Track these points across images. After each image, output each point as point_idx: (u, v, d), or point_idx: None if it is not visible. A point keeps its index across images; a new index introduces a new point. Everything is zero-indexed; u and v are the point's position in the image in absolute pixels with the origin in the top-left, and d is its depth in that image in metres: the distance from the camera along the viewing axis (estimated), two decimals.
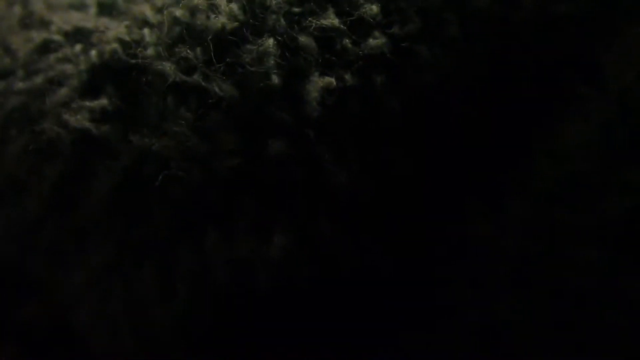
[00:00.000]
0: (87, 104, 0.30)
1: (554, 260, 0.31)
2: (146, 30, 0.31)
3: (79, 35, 0.32)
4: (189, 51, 0.30)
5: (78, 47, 0.31)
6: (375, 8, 0.29)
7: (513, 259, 0.31)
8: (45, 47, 0.32)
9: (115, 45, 0.31)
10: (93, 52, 0.31)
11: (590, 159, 0.30)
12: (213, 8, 0.30)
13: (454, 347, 0.32)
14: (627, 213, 0.30)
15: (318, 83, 0.29)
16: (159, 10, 0.31)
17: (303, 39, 0.29)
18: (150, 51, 0.30)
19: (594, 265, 0.31)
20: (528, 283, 0.31)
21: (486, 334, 0.31)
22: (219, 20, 0.30)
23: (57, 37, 0.32)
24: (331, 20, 0.29)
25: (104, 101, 0.30)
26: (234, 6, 0.30)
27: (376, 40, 0.29)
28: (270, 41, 0.29)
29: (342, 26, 0.29)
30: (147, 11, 0.31)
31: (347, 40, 0.29)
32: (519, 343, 0.31)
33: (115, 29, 0.31)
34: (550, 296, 0.31)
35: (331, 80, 0.29)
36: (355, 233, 0.30)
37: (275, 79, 0.29)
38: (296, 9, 0.29)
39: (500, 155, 0.31)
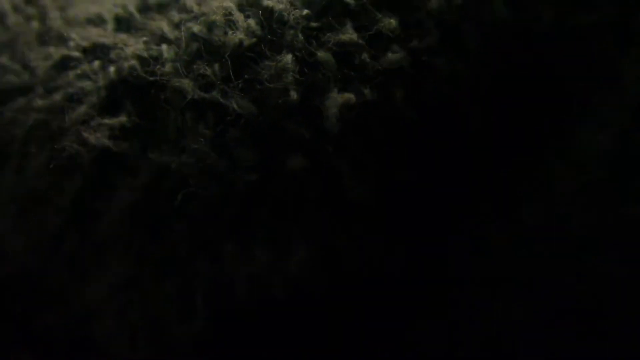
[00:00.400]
0: (107, 121, 0.30)
1: (568, 267, 0.31)
2: (164, 47, 0.31)
3: (97, 51, 0.32)
4: (207, 68, 0.30)
5: (96, 64, 0.31)
6: (393, 22, 0.29)
7: (527, 265, 0.31)
8: (64, 64, 0.32)
9: (133, 62, 0.31)
10: (111, 69, 0.31)
11: (607, 167, 0.30)
12: (231, 24, 0.30)
13: (467, 352, 0.32)
14: None
15: (337, 99, 0.29)
16: (177, 25, 0.31)
17: (321, 54, 0.29)
18: (168, 68, 0.30)
19: (608, 273, 0.30)
20: (542, 289, 0.31)
21: (500, 339, 0.31)
22: (237, 36, 0.30)
23: (75, 54, 0.32)
24: (349, 35, 0.29)
25: (123, 118, 0.30)
26: (252, 22, 0.30)
27: (395, 55, 0.29)
28: (289, 57, 0.29)
29: (360, 41, 0.29)
30: (165, 27, 0.31)
31: (365, 55, 0.29)
32: (533, 348, 0.31)
33: (134, 45, 0.31)
34: (564, 302, 0.31)
35: (350, 96, 0.28)
36: (372, 246, 0.30)
37: (293, 95, 0.29)
38: (314, 24, 0.29)
39: (517, 162, 0.31)
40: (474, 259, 0.32)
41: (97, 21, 0.33)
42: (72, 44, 0.32)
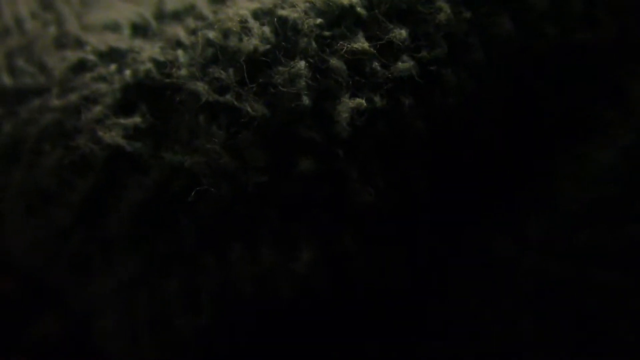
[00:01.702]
0: (121, 121, 0.31)
1: (576, 282, 0.31)
2: (180, 51, 0.32)
3: (113, 55, 0.33)
4: (222, 72, 0.30)
5: (113, 67, 0.32)
6: (404, 33, 0.30)
7: (534, 280, 0.31)
8: (81, 66, 0.33)
9: (149, 65, 0.31)
10: (127, 72, 0.32)
11: (614, 183, 0.31)
12: (246, 30, 0.31)
13: None
14: None
15: (348, 104, 0.29)
16: (193, 32, 0.32)
17: (334, 61, 0.30)
18: (183, 71, 0.31)
19: (615, 289, 0.31)
20: (549, 304, 0.31)
21: (507, 355, 0.32)
22: (252, 43, 0.31)
23: (92, 57, 0.33)
24: (361, 43, 0.30)
25: (137, 119, 0.31)
26: (266, 29, 0.31)
27: (404, 64, 0.30)
28: (302, 63, 0.30)
29: (372, 50, 0.30)
30: (181, 33, 0.32)
31: (376, 64, 0.30)
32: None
33: (150, 50, 0.32)
34: (572, 318, 0.31)
35: (361, 101, 0.29)
36: (377, 250, 0.31)
37: (306, 100, 0.30)
38: (327, 33, 0.30)
39: (524, 177, 0.32)
40: (479, 271, 0.32)
41: (114, 27, 0.34)
42: (88, 47, 0.33)
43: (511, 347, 0.32)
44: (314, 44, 0.30)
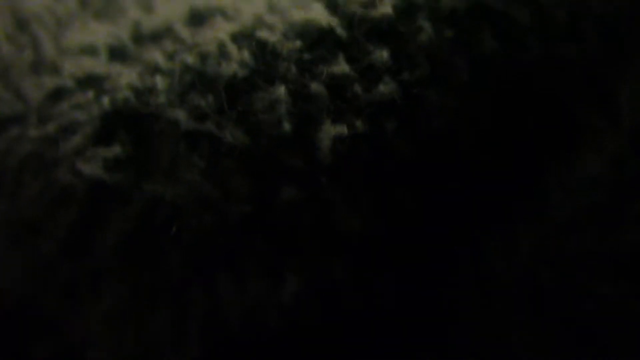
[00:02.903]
0: (101, 152, 0.30)
1: (567, 290, 0.31)
2: (158, 77, 0.31)
3: (91, 81, 0.32)
4: (201, 99, 0.30)
5: (90, 94, 0.32)
6: (385, 54, 0.29)
7: (526, 288, 0.31)
8: (58, 94, 0.32)
9: (127, 93, 0.31)
10: (105, 100, 0.31)
11: (604, 191, 0.31)
12: (224, 55, 0.30)
13: None
14: (639, 246, 0.31)
15: (330, 131, 0.29)
16: (170, 56, 0.31)
17: (314, 86, 0.29)
18: (162, 99, 0.30)
19: (606, 296, 0.31)
20: (541, 312, 0.31)
21: None
22: (231, 68, 0.30)
23: (69, 83, 0.32)
24: (342, 67, 0.29)
25: (117, 149, 0.30)
26: (245, 53, 0.30)
27: (386, 86, 0.29)
28: (282, 89, 0.29)
29: (352, 73, 0.29)
30: (158, 58, 0.32)
31: (357, 87, 0.29)
32: None
33: (128, 76, 0.31)
34: (563, 326, 0.31)
35: (342, 129, 0.29)
36: (366, 276, 0.31)
37: (287, 127, 0.29)
38: (307, 56, 0.30)
39: (514, 187, 0.31)
40: (470, 282, 0.32)
41: (91, 51, 0.33)
42: (65, 73, 0.33)
43: (503, 355, 0.32)
44: (293, 69, 0.29)
